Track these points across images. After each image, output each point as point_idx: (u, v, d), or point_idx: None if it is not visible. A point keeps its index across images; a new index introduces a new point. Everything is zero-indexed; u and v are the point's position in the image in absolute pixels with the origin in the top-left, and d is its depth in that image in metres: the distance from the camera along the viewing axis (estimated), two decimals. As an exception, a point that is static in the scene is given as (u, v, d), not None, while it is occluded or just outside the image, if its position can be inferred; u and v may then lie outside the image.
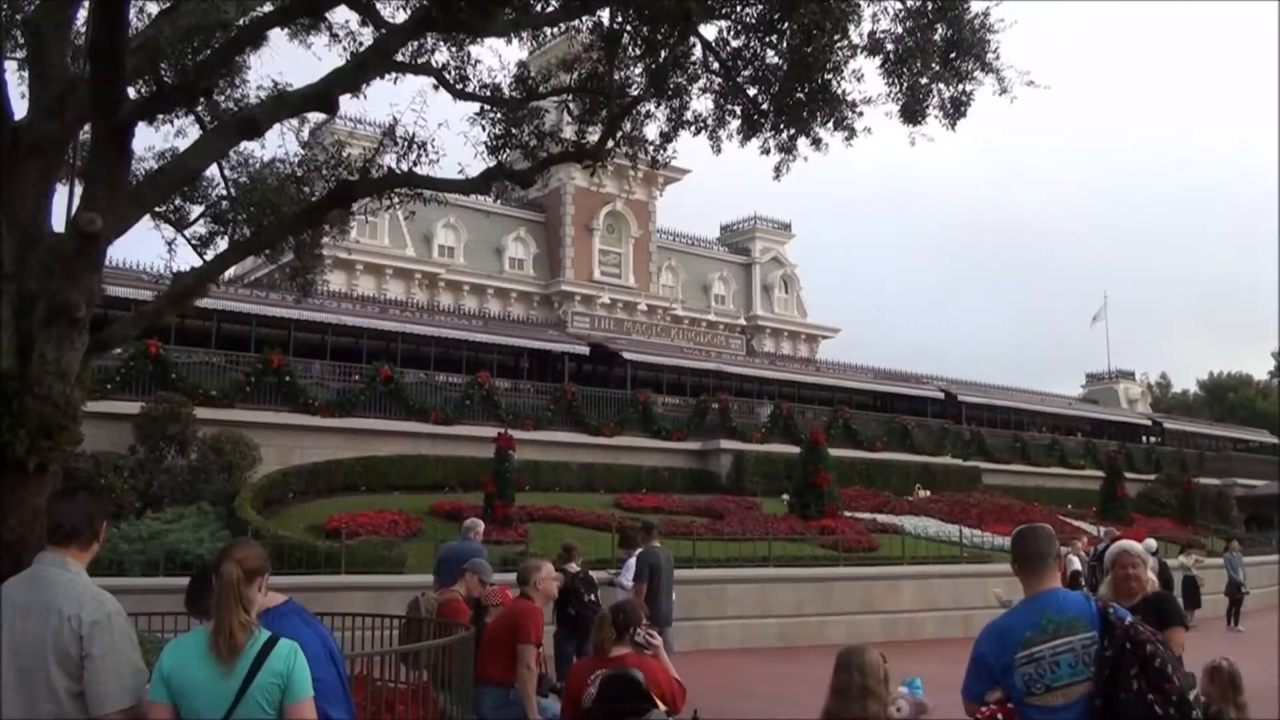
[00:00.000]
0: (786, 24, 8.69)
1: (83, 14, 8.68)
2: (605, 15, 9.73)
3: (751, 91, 10.03)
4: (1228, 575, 25.77)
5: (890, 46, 9.57)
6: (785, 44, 9.14)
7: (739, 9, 9.30)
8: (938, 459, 40.37)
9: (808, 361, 52.89)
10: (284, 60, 12.13)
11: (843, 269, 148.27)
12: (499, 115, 10.65)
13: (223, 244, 11.79)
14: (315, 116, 11.18)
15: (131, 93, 8.03)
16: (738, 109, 10.21)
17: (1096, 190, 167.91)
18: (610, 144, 10.40)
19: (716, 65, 10.07)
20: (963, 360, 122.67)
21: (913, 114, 10.31)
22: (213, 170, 12.13)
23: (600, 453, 32.92)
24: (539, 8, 9.59)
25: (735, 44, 9.81)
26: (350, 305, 35.73)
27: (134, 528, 19.44)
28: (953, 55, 9.91)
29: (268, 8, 8.97)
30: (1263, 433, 66.05)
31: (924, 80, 10.22)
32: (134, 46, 8.03)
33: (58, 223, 8.07)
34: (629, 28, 9.63)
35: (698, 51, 10.75)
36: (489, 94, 10.47)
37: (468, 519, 14.87)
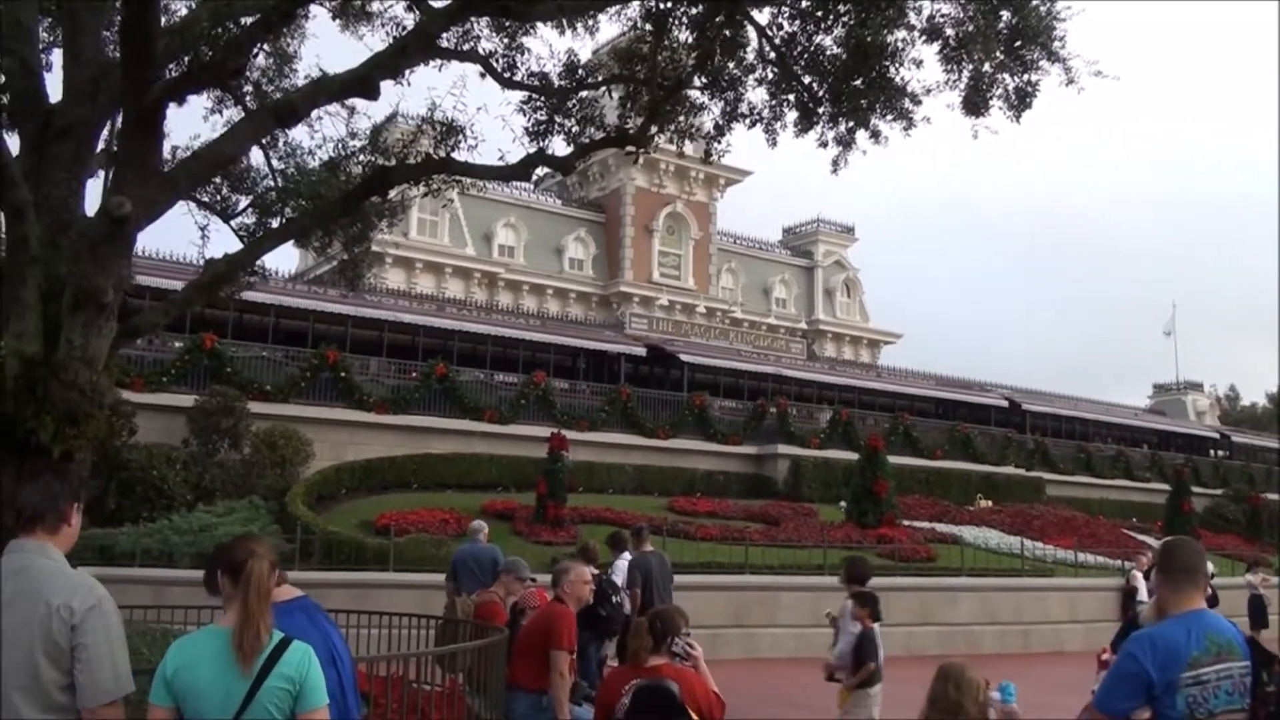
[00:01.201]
0: (843, 3, 8.30)
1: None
2: (655, -1, 9.41)
3: (807, 80, 9.65)
4: (1296, 596, 24.83)
5: (950, 32, 9.13)
6: (841, 27, 8.77)
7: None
8: (1000, 469, 39.60)
9: (869, 367, 52.19)
10: (338, 53, 11.96)
11: (906, 273, 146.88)
12: (543, 102, 10.37)
13: (269, 235, 11.67)
14: (377, 114, 10.99)
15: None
16: (792, 98, 9.84)
17: (1165, 196, 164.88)
18: (654, 130, 10.08)
19: (771, 53, 9.71)
20: (1026, 368, 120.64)
21: (975, 105, 9.89)
22: (260, 160, 12.03)
23: (655, 455, 32.57)
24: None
25: (789, 29, 9.45)
26: (407, 302, 35.77)
27: (185, 520, 19.51)
28: (1017, 43, 9.48)
29: None
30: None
31: (987, 69, 9.80)
32: (172, 30, 7.88)
33: (93, 209, 7.94)
34: (679, 8, 9.29)
35: (753, 41, 10.44)
36: (538, 83, 10.19)
37: (473, 522, 14.77)
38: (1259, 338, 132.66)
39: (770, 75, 10.49)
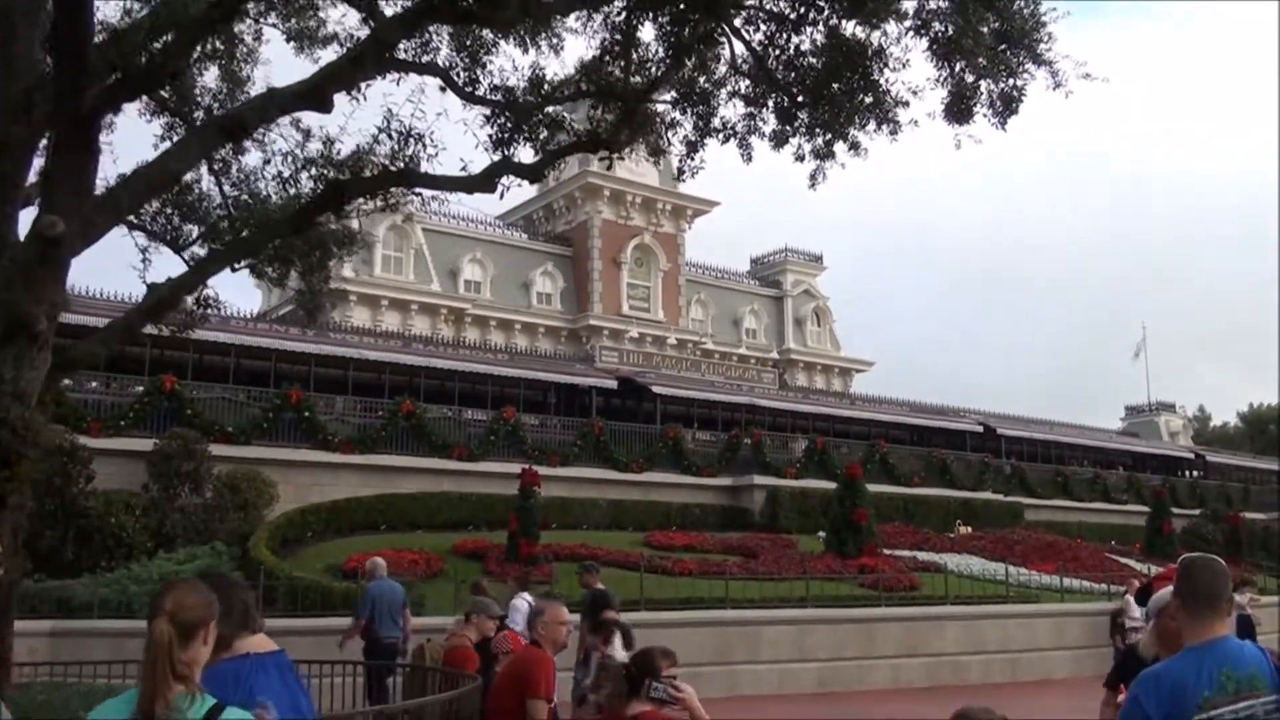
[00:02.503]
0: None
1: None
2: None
3: (785, 84, 9.21)
4: (1281, 616, 24.52)
5: (939, 26, 8.72)
6: (823, 25, 8.35)
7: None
8: (978, 494, 39.27)
9: (842, 395, 51.85)
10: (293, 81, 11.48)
11: (875, 301, 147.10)
12: (507, 115, 9.88)
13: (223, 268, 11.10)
14: (331, 132, 10.46)
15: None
16: (770, 103, 9.41)
17: (1131, 218, 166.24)
18: (627, 134, 9.59)
19: (746, 60, 9.29)
20: (999, 393, 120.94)
21: (959, 112, 9.52)
22: (212, 188, 11.50)
23: (629, 489, 32.01)
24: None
25: (766, 30, 9.01)
26: (372, 340, 35.13)
27: (145, 569, 18.83)
28: (1002, 47, 9.11)
29: None
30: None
31: (970, 78, 9.44)
32: (106, 41, 7.36)
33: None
34: (649, 11, 8.85)
35: (725, 53, 10.05)
36: (501, 97, 9.71)
37: (373, 559, 15.01)
38: (1226, 358, 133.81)
39: (744, 87, 10.09)
